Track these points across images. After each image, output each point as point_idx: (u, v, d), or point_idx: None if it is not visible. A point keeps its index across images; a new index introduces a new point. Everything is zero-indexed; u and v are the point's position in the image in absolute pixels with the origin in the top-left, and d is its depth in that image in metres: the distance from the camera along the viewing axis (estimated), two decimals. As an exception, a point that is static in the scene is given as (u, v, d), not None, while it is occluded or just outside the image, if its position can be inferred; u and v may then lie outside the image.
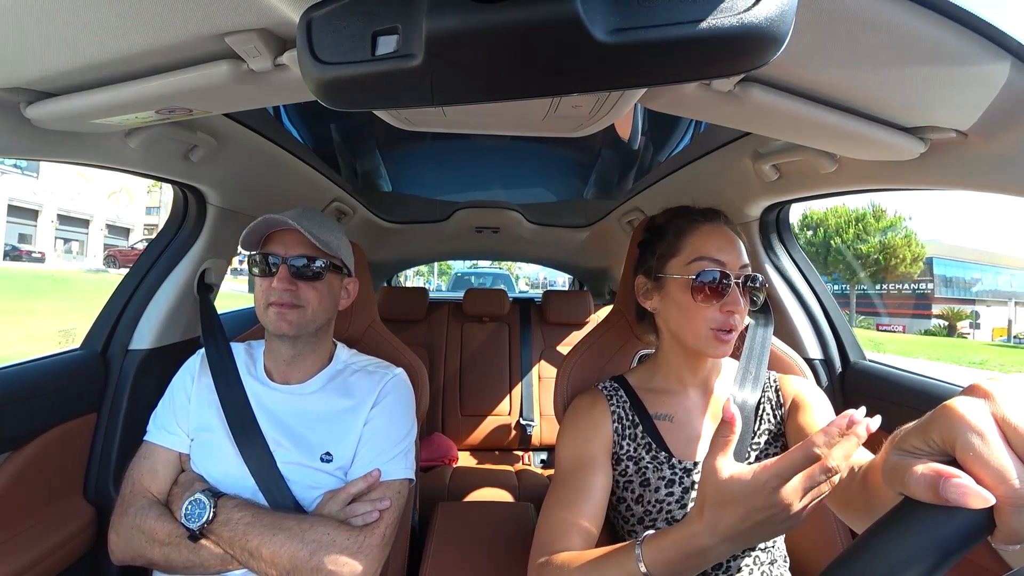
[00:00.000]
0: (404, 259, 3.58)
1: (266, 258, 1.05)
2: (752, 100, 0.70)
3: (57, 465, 1.13)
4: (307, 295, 1.06)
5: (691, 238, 0.91)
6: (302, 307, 1.06)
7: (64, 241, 29.85)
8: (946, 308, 33.98)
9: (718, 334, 0.87)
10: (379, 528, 0.96)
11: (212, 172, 1.27)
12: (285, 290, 1.03)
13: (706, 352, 0.89)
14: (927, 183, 0.95)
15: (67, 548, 1.10)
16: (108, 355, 1.28)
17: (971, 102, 0.69)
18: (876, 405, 1.28)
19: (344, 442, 1.05)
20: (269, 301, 1.04)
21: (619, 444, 0.93)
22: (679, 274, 0.89)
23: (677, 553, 0.65)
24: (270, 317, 1.05)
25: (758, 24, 0.35)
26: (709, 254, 0.88)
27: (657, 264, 0.95)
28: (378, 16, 0.39)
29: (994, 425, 0.37)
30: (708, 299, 0.86)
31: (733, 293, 0.86)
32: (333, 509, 0.97)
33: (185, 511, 0.93)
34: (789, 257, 1.54)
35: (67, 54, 0.65)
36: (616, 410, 0.95)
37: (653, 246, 0.97)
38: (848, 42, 0.58)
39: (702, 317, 0.87)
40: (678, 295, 0.90)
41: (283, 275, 1.04)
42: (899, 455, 0.41)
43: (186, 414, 1.07)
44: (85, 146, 0.96)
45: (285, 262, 1.05)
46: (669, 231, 0.95)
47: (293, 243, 1.06)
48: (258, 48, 0.61)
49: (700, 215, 0.94)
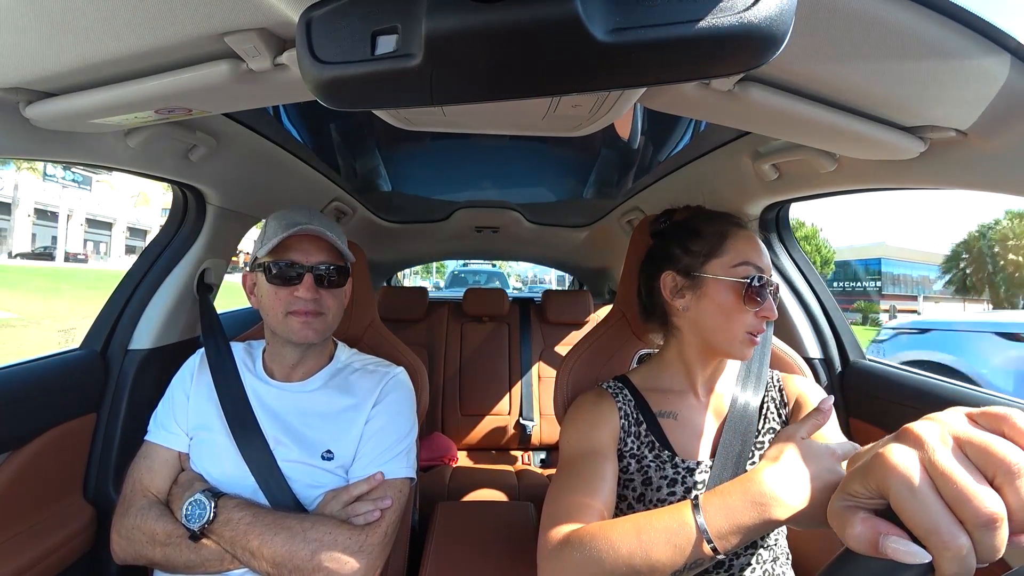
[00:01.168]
0: (404, 259, 3.58)
1: (288, 265, 1.04)
2: (751, 99, 0.70)
3: (57, 465, 1.13)
4: (328, 302, 1.07)
5: (735, 241, 0.91)
6: (324, 314, 1.06)
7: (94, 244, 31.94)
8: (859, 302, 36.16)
9: (751, 338, 0.88)
10: (381, 527, 0.96)
11: (211, 172, 1.27)
12: (311, 300, 1.03)
13: (735, 354, 0.90)
14: (927, 182, 0.95)
15: (67, 548, 1.10)
16: (108, 355, 1.28)
17: (971, 101, 0.69)
18: (875, 404, 1.30)
19: (345, 440, 1.05)
20: (291, 310, 1.03)
21: (623, 440, 0.93)
22: (724, 276, 0.89)
23: (740, 499, 0.65)
24: (293, 326, 1.04)
25: (757, 23, 0.35)
26: (753, 260, 0.88)
27: (695, 263, 0.93)
28: (377, 16, 0.39)
29: (924, 475, 0.38)
30: (751, 304, 0.87)
31: (769, 300, 0.87)
32: (335, 508, 0.97)
33: (185, 512, 0.93)
34: (789, 257, 1.54)
35: (66, 54, 0.64)
36: (622, 407, 0.95)
37: (685, 243, 0.95)
38: (847, 41, 0.58)
39: (741, 321, 0.87)
40: (720, 296, 0.89)
41: (309, 284, 1.03)
42: (842, 500, 0.43)
43: (185, 413, 1.07)
44: (84, 146, 0.96)
45: (311, 270, 1.04)
46: (706, 231, 0.93)
47: (313, 249, 1.05)
48: (257, 48, 0.61)
49: (728, 220, 0.94)
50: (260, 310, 1.09)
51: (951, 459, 0.37)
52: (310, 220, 1.05)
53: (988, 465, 0.36)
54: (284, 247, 1.04)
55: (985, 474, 0.36)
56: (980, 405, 0.41)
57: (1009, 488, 0.35)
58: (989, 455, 0.36)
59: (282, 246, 1.04)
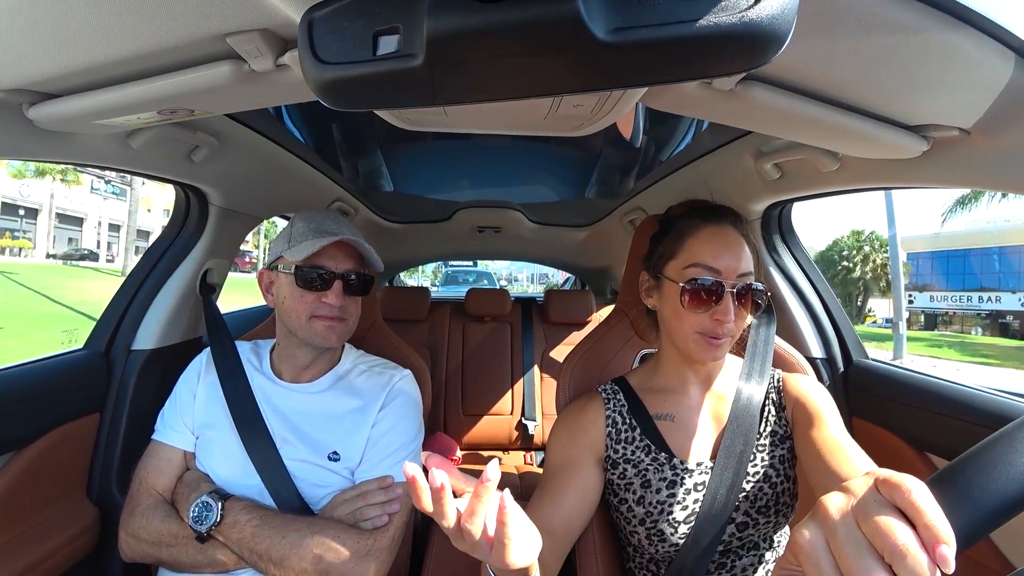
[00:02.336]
0: (406, 259, 3.58)
1: (318, 271, 1.04)
2: (753, 99, 0.70)
3: (60, 465, 1.13)
4: (351, 308, 1.09)
5: (689, 242, 0.90)
6: (346, 320, 1.08)
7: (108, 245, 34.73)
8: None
9: (707, 338, 0.86)
10: (389, 531, 0.96)
11: (214, 172, 1.27)
12: (339, 306, 1.05)
13: (693, 356, 0.89)
14: (929, 181, 0.94)
15: (70, 548, 1.10)
16: (111, 355, 1.28)
17: (974, 100, 0.69)
18: (878, 404, 1.30)
19: (352, 442, 1.05)
20: (316, 314, 1.04)
21: (613, 448, 0.93)
22: (674, 278, 0.89)
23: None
24: (317, 330, 1.05)
25: (760, 22, 0.35)
26: (704, 261, 0.86)
27: (658, 263, 0.94)
28: (379, 16, 0.39)
29: (828, 556, 0.41)
30: (698, 307, 0.85)
31: (725, 302, 0.84)
32: (343, 512, 0.97)
33: (193, 513, 0.94)
34: (791, 256, 1.53)
35: (69, 55, 0.65)
36: (611, 414, 0.95)
37: (658, 243, 0.97)
38: (850, 40, 0.58)
39: (690, 323, 0.87)
40: (671, 298, 0.89)
41: (338, 290, 1.05)
42: (780, 570, 0.46)
43: (191, 412, 1.08)
44: (87, 147, 0.96)
45: (341, 277, 1.05)
46: (675, 229, 0.94)
47: (343, 256, 1.07)
48: (259, 48, 0.61)
49: (706, 215, 0.92)
50: (278, 310, 1.09)
51: (849, 541, 0.40)
52: (340, 228, 1.07)
53: (881, 545, 0.38)
54: (315, 252, 1.04)
55: (881, 553, 0.38)
56: (982, 404, 0.41)
57: (899, 567, 0.37)
58: (879, 535, 0.38)
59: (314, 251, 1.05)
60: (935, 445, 1.15)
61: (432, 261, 4.28)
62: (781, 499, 0.88)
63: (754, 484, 0.88)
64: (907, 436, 1.21)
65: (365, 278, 1.10)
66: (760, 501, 0.88)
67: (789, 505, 0.90)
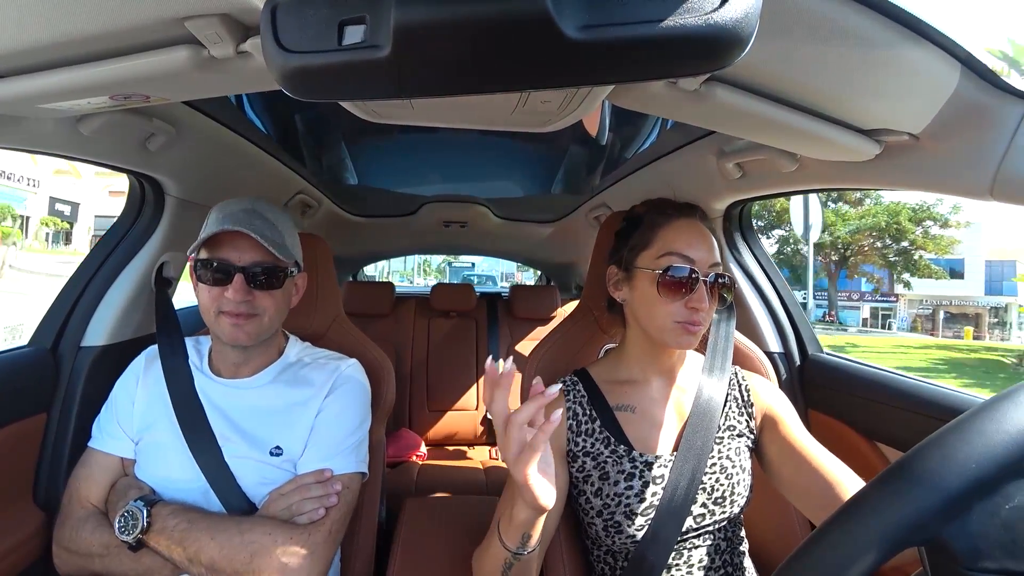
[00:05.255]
0: (371, 253, 3.54)
1: (217, 265, 0.97)
2: (717, 99, 0.72)
3: (4, 468, 1.08)
4: (264, 303, 1.00)
5: (663, 232, 0.91)
6: (258, 316, 1.00)
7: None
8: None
9: (684, 325, 0.87)
10: (324, 525, 0.94)
11: (171, 162, 1.22)
12: (242, 301, 0.97)
13: (670, 344, 0.90)
14: (882, 183, 0.98)
15: (16, 555, 1.05)
16: (58, 352, 1.22)
17: (922, 107, 0.72)
18: (833, 396, 1.35)
19: (293, 435, 1.02)
20: (221, 310, 0.97)
21: (573, 441, 0.94)
22: (648, 267, 0.90)
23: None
24: (223, 327, 0.98)
25: (724, 25, 0.36)
26: (679, 250, 0.88)
27: (629, 255, 0.95)
28: (346, 4, 0.39)
29: None
30: (674, 294, 0.87)
31: (700, 290, 0.86)
32: (280, 507, 0.95)
33: (118, 524, 0.90)
34: (751, 252, 1.57)
35: (13, 33, 0.61)
36: (572, 406, 0.95)
37: (627, 237, 0.98)
38: (808, 45, 0.60)
39: (667, 311, 0.88)
40: (646, 288, 0.90)
41: (239, 286, 0.96)
42: None
43: (130, 417, 1.04)
44: (32, 131, 0.91)
45: (241, 271, 0.97)
46: (645, 222, 0.95)
47: (247, 247, 0.98)
48: (219, 34, 0.59)
49: (676, 209, 0.94)
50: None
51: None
52: (252, 219, 0.98)
53: None
54: (218, 243, 0.97)
55: None
56: (931, 397, 0.43)
57: None
58: None
59: (215, 241, 0.97)
60: (886, 435, 1.20)
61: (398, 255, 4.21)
62: (736, 490, 0.91)
63: (711, 476, 0.90)
64: (860, 427, 1.26)
65: (275, 270, 1.00)
66: (717, 492, 0.90)
67: (743, 496, 0.92)
